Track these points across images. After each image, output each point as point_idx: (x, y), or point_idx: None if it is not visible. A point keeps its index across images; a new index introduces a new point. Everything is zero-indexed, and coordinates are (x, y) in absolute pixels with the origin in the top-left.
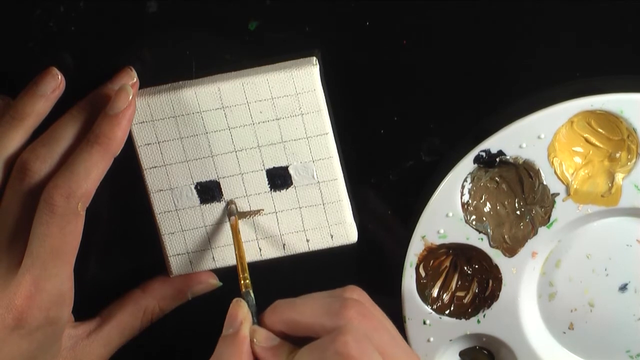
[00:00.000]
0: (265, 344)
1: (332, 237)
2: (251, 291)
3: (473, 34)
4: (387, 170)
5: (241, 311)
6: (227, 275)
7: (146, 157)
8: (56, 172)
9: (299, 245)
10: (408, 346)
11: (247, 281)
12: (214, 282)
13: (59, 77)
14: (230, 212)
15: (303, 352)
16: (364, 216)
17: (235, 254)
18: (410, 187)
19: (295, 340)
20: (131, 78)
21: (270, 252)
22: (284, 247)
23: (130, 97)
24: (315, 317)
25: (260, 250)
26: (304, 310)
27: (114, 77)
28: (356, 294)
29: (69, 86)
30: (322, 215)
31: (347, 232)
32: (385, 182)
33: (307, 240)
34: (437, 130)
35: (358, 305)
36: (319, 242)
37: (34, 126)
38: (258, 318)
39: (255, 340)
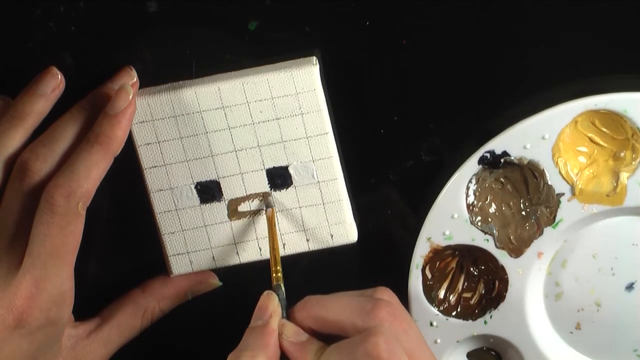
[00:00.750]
0: (293, 339)
1: (332, 236)
2: (282, 285)
3: (473, 34)
4: (387, 170)
5: (271, 304)
6: (227, 275)
7: (146, 156)
8: (56, 172)
9: (299, 244)
10: (432, 351)
11: (279, 274)
12: (214, 282)
13: (59, 76)
14: (268, 204)
15: (332, 350)
16: (364, 216)
17: (270, 247)
18: (411, 187)
19: (323, 337)
20: (131, 78)
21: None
22: (284, 246)
23: (130, 97)
24: (345, 315)
25: (260, 250)
26: (334, 308)
27: (114, 77)
28: (387, 295)
29: (69, 86)
30: (322, 215)
31: (347, 232)
32: (385, 182)
33: (307, 240)
34: (437, 130)
35: (389, 306)
36: (319, 241)
37: (34, 126)
38: (287, 313)
39: (284, 334)
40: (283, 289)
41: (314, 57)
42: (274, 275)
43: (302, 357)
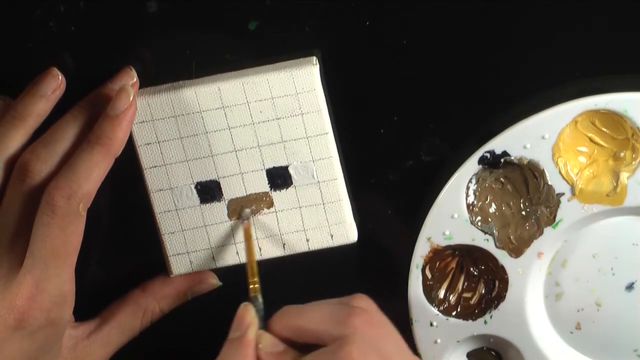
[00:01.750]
0: (270, 349)
1: (332, 236)
2: (259, 296)
3: (473, 34)
4: (387, 170)
5: (248, 315)
6: (227, 275)
7: (146, 156)
8: (57, 173)
9: (298, 245)
10: (414, 355)
11: (257, 286)
12: (214, 282)
13: (60, 77)
14: (244, 216)
15: None
16: (364, 216)
17: (247, 258)
18: (411, 187)
19: (302, 347)
20: (131, 78)
21: (270, 252)
22: (283, 246)
23: (131, 98)
24: (321, 324)
25: (260, 249)
26: (311, 317)
27: (114, 77)
28: (364, 303)
29: (69, 86)
30: (322, 215)
31: (347, 232)
32: (385, 182)
33: (307, 240)
34: (437, 130)
35: (365, 313)
36: (319, 241)
37: (35, 126)
38: (265, 323)
39: (260, 345)
40: (260, 299)
41: (314, 57)
42: (250, 286)
43: None
